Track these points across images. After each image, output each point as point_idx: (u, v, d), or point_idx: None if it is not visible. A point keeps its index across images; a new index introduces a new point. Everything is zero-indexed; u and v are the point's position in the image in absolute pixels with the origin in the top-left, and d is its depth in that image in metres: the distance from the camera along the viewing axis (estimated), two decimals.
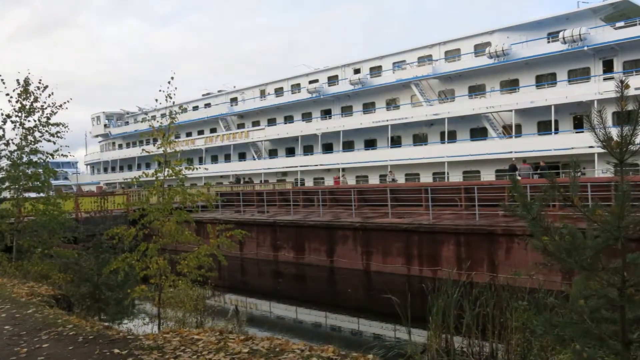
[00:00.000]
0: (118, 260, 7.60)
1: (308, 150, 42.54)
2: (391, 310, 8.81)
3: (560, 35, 28.47)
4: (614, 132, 3.47)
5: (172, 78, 8.23)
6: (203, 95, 56.10)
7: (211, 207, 10.03)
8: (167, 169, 8.03)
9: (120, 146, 66.22)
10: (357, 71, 40.77)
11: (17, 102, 12.42)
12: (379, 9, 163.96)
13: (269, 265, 19.99)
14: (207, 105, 54.21)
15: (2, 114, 12.42)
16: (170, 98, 8.12)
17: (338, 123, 39.90)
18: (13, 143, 12.65)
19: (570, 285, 3.99)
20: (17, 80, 12.37)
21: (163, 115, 8.57)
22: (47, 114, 12.65)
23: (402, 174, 34.48)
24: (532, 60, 30.45)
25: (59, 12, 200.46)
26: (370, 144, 39.14)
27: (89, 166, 71.63)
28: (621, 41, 26.90)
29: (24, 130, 12.59)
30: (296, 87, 45.45)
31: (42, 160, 12.90)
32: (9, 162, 12.63)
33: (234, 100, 51.69)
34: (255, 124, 48.55)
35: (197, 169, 8.95)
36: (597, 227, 3.40)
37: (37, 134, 12.67)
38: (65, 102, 12.91)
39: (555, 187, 3.57)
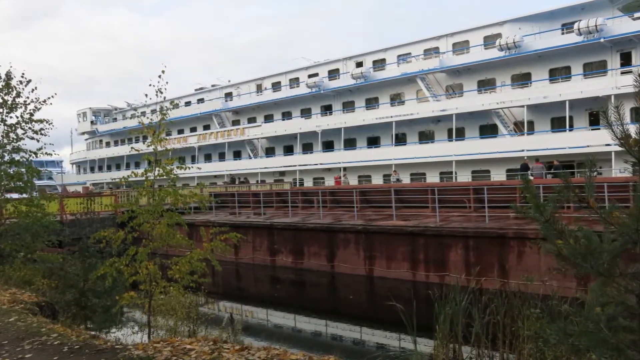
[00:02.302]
0: (105, 265, 7.60)
1: (307, 148, 42.56)
2: (395, 318, 8.81)
3: (575, 26, 28.45)
4: (633, 129, 3.46)
5: (163, 72, 8.24)
6: (196, 90, 56.14)
7: (204, 208, 10.05)
8: (157, 169, 8.03)
9: (107, 144, 66.29)
10: (359, 64, 40.78)
11: None
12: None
13: (265, 271, 20.00)
14: (200, 100, 54.25)
15: None
16: (161, 93, 8.12)
17: (339, 119, 39.91)
18: None
19: (586, 291, 3.99)
20: None
21: (153, 111, 8.59)
22: (30, 109, 12.65)
23: (407, 173, 34.49)
24: (545, 52, 30.44)
25: (43, 1, 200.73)
26: (373, 142, 39.15)
27: (74, 165, 71.69)
28: None
29: (5, 127, 12.59)
30: (295, 82, 45.47)
31: (24, 159, 12.89)
32: None
33: (228, 96, 51.71)
34: (251, 120, 48.58)
35: (189, 168, 8.96)
36: (614, 230, 3.40)
37: (19, 131, 12.68)
38: (49, 97, 12.92)
39: (570, 187, 3.57)
